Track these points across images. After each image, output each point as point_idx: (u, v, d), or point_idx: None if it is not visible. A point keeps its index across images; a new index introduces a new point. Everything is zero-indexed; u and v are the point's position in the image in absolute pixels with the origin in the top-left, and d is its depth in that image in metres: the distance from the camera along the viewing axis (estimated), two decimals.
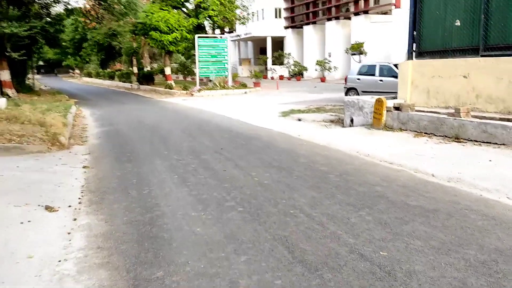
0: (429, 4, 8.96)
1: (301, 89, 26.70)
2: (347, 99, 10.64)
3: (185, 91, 25.14)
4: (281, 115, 13.53)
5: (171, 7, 27.64)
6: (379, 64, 15.48)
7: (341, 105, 15.85)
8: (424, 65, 9.06)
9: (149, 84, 31.54)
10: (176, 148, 8.41)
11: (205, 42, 26.32)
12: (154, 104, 19.63)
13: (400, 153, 6.85)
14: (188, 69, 43.97)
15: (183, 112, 15.52)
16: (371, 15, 33.94)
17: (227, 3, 28.05)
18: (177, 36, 26.00)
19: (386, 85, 14.90)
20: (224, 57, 26.42)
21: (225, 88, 25.52)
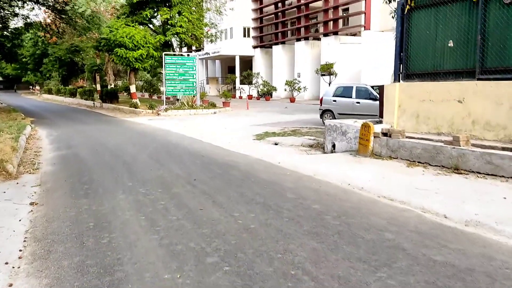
0: (418, 23, 8.43)
1: (272, 110, 26.05)
2: (329, 123, 9.92)
3: (151, 110, 23.98)
4: (256, 138, 12.69)
5: (137, 23, 26.62)
6: (356, 86, 14.99)
7: (316, 127, 15.24)
8: (413, 88, 8.47)
9: (113, 102, 30.12)
10: (142, 177, 7.37)
11: (173, 60, 25.39)
12: (117, 124, 18.39)
13: (398, 187, 6.10)
14: (154, 87, 42.74)
15: (149, 134, 14.41)
16: (340, 36, 34.02)
17: (196, 21, 27.32)
18: (143, 53, 24.89)
19: (364, 107, 14.39)
20: (192, 76, 25.53)
21: (193, 108, 24.54)
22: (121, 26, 25.07)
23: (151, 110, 24.06)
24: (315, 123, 17.11)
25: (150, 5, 26.43)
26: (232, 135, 13.65)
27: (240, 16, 44.36)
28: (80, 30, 24.50)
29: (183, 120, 19.97)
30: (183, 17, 26.08)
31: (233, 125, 16.98)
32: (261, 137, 12.84)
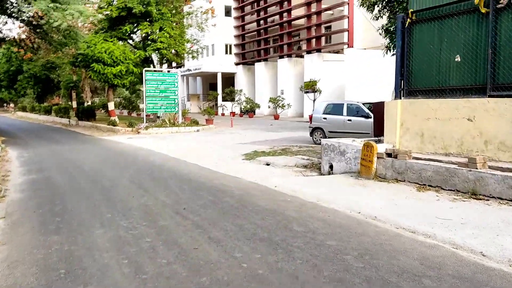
0: (420, 36, 7.91)
1: (257, 127, 25.39)
2: (326, 143, 9.26)
3: (131, 128, 23.02)
4: (245, 158, 11.93)
5: (116, 39, 25.79)
6: (347, 103, 14.47)
7: (307, 146, 14.60)
8: (417, 106, 7.90)
9: (90, 120, 29.00)
10: (123, 207, 6.51)
11: (154, 76, 24.56)
12: (95, 144, 17.39)
13: (416, 216, 5.43)
14: (133, 105, 41.68)
15: (129, 154, 13.50)
16: (323, 54, 33.85)
17: (177, 36, 26.66)
18: (122, 69, 24.01)
19: (355, 125, 13.85)
20: (174, 93, 24.73)
21: (175, 125, 23.69)
22: (100, 42, 24.22)
23: (131, 128, 23.12)
24: (304, 141, 16.49)
25: (130, 20, 25.66)
26: (219, 155, 12.88)
27: (222, 33, 44.00)
28: (56, 45, 23.41)
29: (165, 138, 19.11)
30: (164, 32, 25.39)
31: (219, 144, 16.21)
32: (250, 157, 12.09)
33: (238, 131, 22.78)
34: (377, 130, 11.62)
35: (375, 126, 11.53)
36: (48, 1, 16.91)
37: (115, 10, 24.67)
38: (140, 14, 24.77)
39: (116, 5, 24.93)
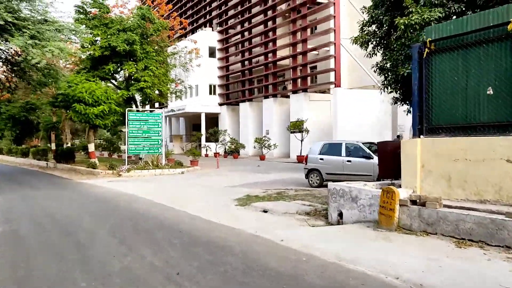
0: (441, 68, 7.12)
1: (244, 168, 24.31)
2: (334, 187, 8.24)
3: (111, 171, 21.68)
4: (239, 204, 10.78)
5: (98, 78, 24.85)
6: (345, 143, 13.59)
7: (304, 189, 13.55)
8: (441, 145, 7.00)
9: (69, 162, 27.51)
10: (101, 272, 5.27)
11: (137, 117, 23.53)
12: (73, 188, 15.99)
13: (474, 283, 4.37)
14: (114, 146, 40.27)
15: (110, 200, 12.20)
16: (310, 93, 33.48)
17: (161, 76, 25.89)
18: (104, 109, 22.91)
19: (356, 166, 12.93)
20: (157, 133, 23.64)
21: (158, 167, 22.46)
22: (81, 81, 23.26)
23: (111, 170, 21.77)
24: (298, 183, 15.46)
25: (114, 60, 24.84)
26: (209, 200, 11.70)
27: (206, 74, 43.65)
28: (35, 85, 22.34)
29: (148, 181, 17.83)
30: (148, 71, 24.59)
31: (207, 187, 15.03)
32: (244, 202, 10.95)
33: (225, 173, 21.66)
34: (382, 172, 10.69)
35: (380, 167, 10.60)
36: (27, 37, 15.95)
37: (98, 50, 23.89)
38: (124, 53, 24.03)
39: (99, 45, 24.19)
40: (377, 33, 15.82)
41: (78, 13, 24.76)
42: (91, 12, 25.17)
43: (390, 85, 15.42)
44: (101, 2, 24.69)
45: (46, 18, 17.63)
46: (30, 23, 16.37)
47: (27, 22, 16.21)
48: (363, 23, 16.73)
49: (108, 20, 24.85)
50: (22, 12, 16.74)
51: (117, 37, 23.77)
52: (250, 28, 40.16)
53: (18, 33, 15.84)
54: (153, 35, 25.77)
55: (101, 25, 24.38)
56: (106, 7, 24.89)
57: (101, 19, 24.64)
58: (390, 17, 14.95)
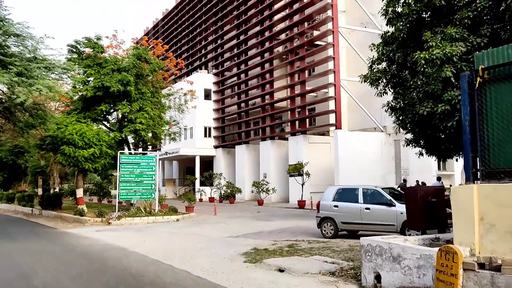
0: (499, 99, 5.98)
1: (244, 215, 22.77)
2: (368, 243, 6.86)
3: (100, 219, 20.04)
4: (248, 260, 9.29)
5: (90, 120, 23.62)
6: (363, 188, 12.27)
7: (317, 240, 12.05)
8: (505, 192, 5.74)
9: (55, 209, 25.76)
10: None
11: (130, 160, 22.22)
12: (55, 240, 14.35)
13: None
14: (104, 191, 38.55)
15: (97, 256, 10.63)
16: (309, 135, 32.49)
17: (156, 117, 24.78)
18: (95, 152, 21.54)
19: (375, 215, 11.59)
20: (151, 177, 22.25)
21: (151, 214, 20.89)
22: (72, 123, 22.03)
23: (100, 218, 20.14)
24: (308, 233, 14.00)
25: (107, 100, 23.73)
26: (212, 254, 10.20)
27: (201, 116, 42.81)
28: (21, 126, 21.05)
29: (141, 231, 16.23)
30: (143, 112, 23.46)
31: (206, 238, 13.51)
32: (253, 258, 9.46)
33: (224, 220, 20.11)
34: (413, 223, 9.36)
35: (410, 217, 9.27)
36: (13, 74, 14.82)
37: (90, 90, 22.82)
38: (118, 93, 22.97)
39: (92, 85, 23.18)
40: (388, 71, 14.94)
41: (71, 52, 23.91)
42: (84, 52, 24.34)
43: (405, 125, 14.33)
44: (96, 42, 23.90)
45: (36, 55, 16.61)
46: (18, 59, 15.32)
47: (14, 58, 15.15)
48: (372, 61, 15.91)
49: (102, 59, 23.99)
50: (10, 48, 15.73)
51: (111, 77, 22.81)
52: (247, 70, 39.72)
53: (3, 70, 14.73)
54: (149, 75, 24.88)
55: (94, 65, 23.48)
56: (101, 46, 24.09)
57: (94, 58, 23.77)
58: (403, 54, 14.12)
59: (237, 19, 41.43)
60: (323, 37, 32.24)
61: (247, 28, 39.72)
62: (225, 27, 43.52)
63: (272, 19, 36.23)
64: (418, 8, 12.91)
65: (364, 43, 32.22)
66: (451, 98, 11.51)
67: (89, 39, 23.78)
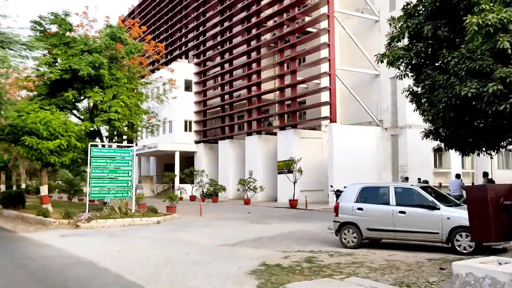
0: None
1: (232, 216, 20.27)
2: (468, 271, 4.49)
3: (67, 220, 17.22)
4: (262, 285, 6.81)
5: (56, 107, 20.62)
6: (394, 187, 9.88)
7: (338, 252, 9.56)
8: None
9: (18, 207, 22.67)
10: None
11: (102, 153, 19.44)
12: (8, 249, 11.54)
13: None
14: (75, 188, 35.31)
15: (56, 274, 7.96)
16: (300, 130, 30.15)
17: (133, 106, 21.98)
18: (62, 144, 18.62)
19: (412, 220, 9.28)
20: (127, 173, 19.54)
21: (128, 216, 18.12)
22: (35, 110, 19.08)
23: (67, 219, 17.31)
24: (320, 241, 11.64)
25: (75, 86, 20.76)
26: (210, 273, 7.70)
27: (181, 109, 40.00)
28: None
29: (115, 236, 13.55)
30: (118, 100, 20.60)
31: (196, 246, 10.99)
32: (268, 281, 6.99)
33: (212, 222, 17.56)
34: (477, 232, 7.13)
35: (475, 224, 7.01)
36: None
37: (56, 73, 19.85)
38: (88, 78, 20.06)
39: (58, 67, 20.24)
40: (412, 48, 12.68)
41: (34, 30, 20.85)
42: (50, 30, 21.32)
43: (430, 113, 12.01)
44: (63, 18, 20.89)
45: None
46: None
47: None
48: (392, 37, 13.60)
49: (70, 38, 21.05)
50: None
51: (80, 59, 19.92)
52: (231, 60, 37.05)
53: None
54: (125, 58, 22.02)
55: (61, 44, 20.52)
56: (69, 23, 21.10)
57: (61, 37, 20.81)
58: (433, 27, 11.88)
59: (221, 4, 38.71)
60: (316, 22, 29.94)
61: (232, 14, 37.06)
62: (207, 13, 40.72)
63: (260, 4, 33.68)
64: None
65: (359, 30, 30.17)
66: (505, 75, 9.31)
67: (55, 15, 20.76)
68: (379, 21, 29.14)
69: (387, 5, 28.59)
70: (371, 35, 29.54)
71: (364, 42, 29.06)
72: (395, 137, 27.87)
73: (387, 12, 28.50)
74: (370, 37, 29.47)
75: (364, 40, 29.23)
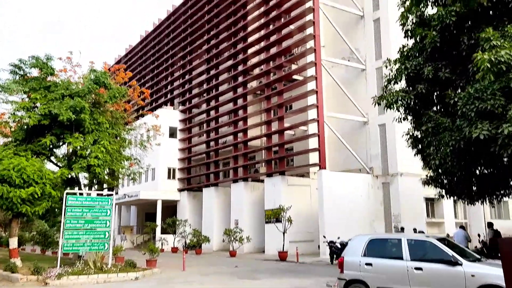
0: None
1: (218, 270, 18.79)
2: None
3: (36, 276, 15.59)
4: None
5: (32, 153, 19.44)
6: (408, 238, 8.84)
7: None
8: None
9: None
10: None
11: (79, 202, 18.09)
12: None
13: None
14: (49, 240, 33.16)
15: None
16: (288, 177, 29.22)
17: (115, 152, 20.87)
18: (35, 192, 17.31)
19: (430, 278, 8.18)
20: (105, 224, 18.23)
21: (103, 271, 16.53)
22: (8, 156, 17.91)
23: (36, 275, 15.66)
24: None
25: (54, 131, 19.69)
26: None
27: (165, 156, 38.91)
28: None
29: None
30: (99, 146, 19.49)
31: None
32: None
33: (196, 277, 16.10)
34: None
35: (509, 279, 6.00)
36: None
37: (34, 117, 18.80)
38: (68, 123, 19.08)
39: (37, 112, 19.22)
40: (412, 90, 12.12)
41: (13, 73, 20.00)
42: (31, 74, 20.49)
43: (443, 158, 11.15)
44: (45, 62, 20.12)
45: None
46: None
47: None
48: (388, 80, 13.09)
49: (51, 83, 20.21)
50: None
51: (61, 103, 19.00)
52: (217, 106, 36.60)
53: None
54: (108, 102, 21.14)
55: (41, 88, 19.63)
56: (51, 67, 20.29)
57: (42, 81, 19.97)
58: (434, 68, 11.38)
59: (207, 53, 38.77)
60: (302, 70, 29.89)
61: (218, 62, 37.03)
62: (194, 61, 40.68)
63: (246, 52, 33.72)
64: (458, 8, 10.29)
65: (346, 78, 30.15)
66: None
67: (36, 58, 19.98)
68: (365, 69, 29.24)
69: (373, 54, 28.81)
70: (358, 83, 29.60)
71: (351, 90, 29.01)
72: (387, 185, 27.14)
73: (373, 61, 28.70)
74: (357, 85, 29.51)
75: (351, 88, 29.20)
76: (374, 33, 28.78)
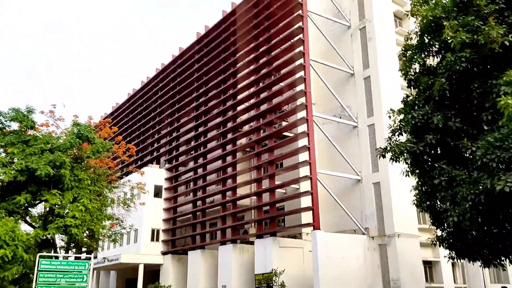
0: None
1: None
2: None
3: None
4: None
5: (5, 212, 17.89)
6: None
7: None
8: None
9: None
10: None
11: (53, 266, 16.26)
12: None
13: None
14: None
15: None
16: (280, 238, 27.68)
17: (95, 211, 19.45)
18: (6, 255, 15.64)
19: None
20: None
21: None
22: None
23: None
24: None
25: (30, 188, 18.31)
26: None
27: (149, 216, 37.14)
28: None
29: None
30: (78, 204, 18.11)
31: None
32: None
33: None
34: None
35: None
36: None
37: (9, 174, 17.52)
38: (47, 178, 17.80)
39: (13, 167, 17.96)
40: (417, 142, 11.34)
41: None
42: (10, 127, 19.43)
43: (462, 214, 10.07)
44: (26, 115, 19.15)
45: None
46: None
47: None
48: (393, 130, 12.36)
49: (31, 137, 19.10)
50: None
51: (40, 157, 17.85)
52: (205, 164, 35.53)
53: None
54: (91, 157, 20.00)
55: (19, 143, 18.48)
56: (31, 120, 19.27)
57: (20, 135, 18.86)
58: (443, 117, 10.69)
59: (196, 110, 38.30)
60: (294, 126, 29.39)
61: (207, 119, 36.48)
62: (182, 118, 40.14)
63: (236, 109, 33.34)
64: (468, 54, 9.75)
65: (338, 135, 29.66)
66: None
67: (17, 110, 19.02)
68: (357, 126, 28.88)
69: (365, 111, 28.58)
70: (350, 140, 29.12)
71: (344, 147, 28.45)
72: (383, 246, 25.78)
73: (365, 118, 28.41)
74: (349, 142, 29.01)
75: (343, 145, 28.66)
76: (365, 91, 28.74)
